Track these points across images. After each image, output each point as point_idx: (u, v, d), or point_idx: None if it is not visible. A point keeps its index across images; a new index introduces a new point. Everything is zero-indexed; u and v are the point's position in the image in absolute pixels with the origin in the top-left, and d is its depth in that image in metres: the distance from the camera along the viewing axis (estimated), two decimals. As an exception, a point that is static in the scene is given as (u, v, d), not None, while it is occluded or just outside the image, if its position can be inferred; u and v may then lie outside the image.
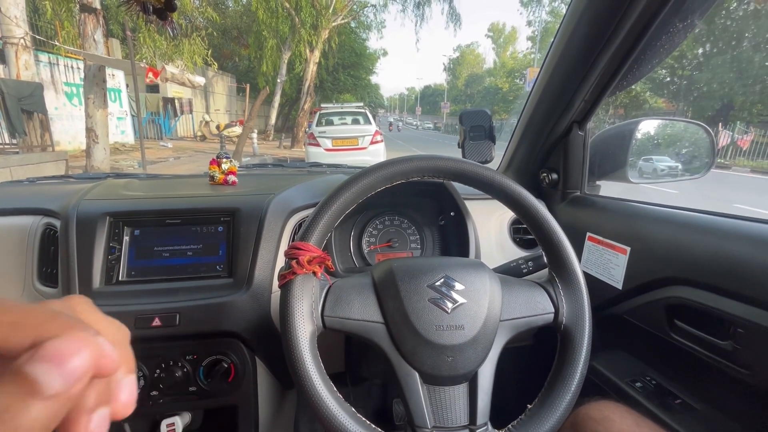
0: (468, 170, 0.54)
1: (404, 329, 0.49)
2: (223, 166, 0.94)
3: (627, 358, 0.80)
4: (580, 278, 0.53)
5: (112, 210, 0.73)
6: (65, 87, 9.10)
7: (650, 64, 0.72)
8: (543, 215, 0.54)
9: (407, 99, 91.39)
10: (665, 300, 0.66)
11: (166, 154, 9.93)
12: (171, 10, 0.55)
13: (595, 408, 0.58)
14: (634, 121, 0.91)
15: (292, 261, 0.48)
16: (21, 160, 5.43)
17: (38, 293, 0.73)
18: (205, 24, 12.45)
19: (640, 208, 0.78)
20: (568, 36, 0.75)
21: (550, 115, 0.89)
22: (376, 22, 18.29)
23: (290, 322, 0.46)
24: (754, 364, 0.54)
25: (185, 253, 0.73)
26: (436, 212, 0.95)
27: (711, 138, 0.86)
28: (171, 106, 14.43)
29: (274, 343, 0.69)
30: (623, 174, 0.92)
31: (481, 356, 0.51)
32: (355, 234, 0.93)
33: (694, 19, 0.63)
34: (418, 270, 0.52)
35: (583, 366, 0.50)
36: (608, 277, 0.77)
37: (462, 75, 61.55)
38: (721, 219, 0.64)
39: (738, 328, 0.55)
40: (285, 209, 0.78)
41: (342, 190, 0.51)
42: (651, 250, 0.70)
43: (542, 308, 0.53)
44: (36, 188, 0.96)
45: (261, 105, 8.32)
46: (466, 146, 0.94)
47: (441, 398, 0.50)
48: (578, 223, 0.87)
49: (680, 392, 0.68)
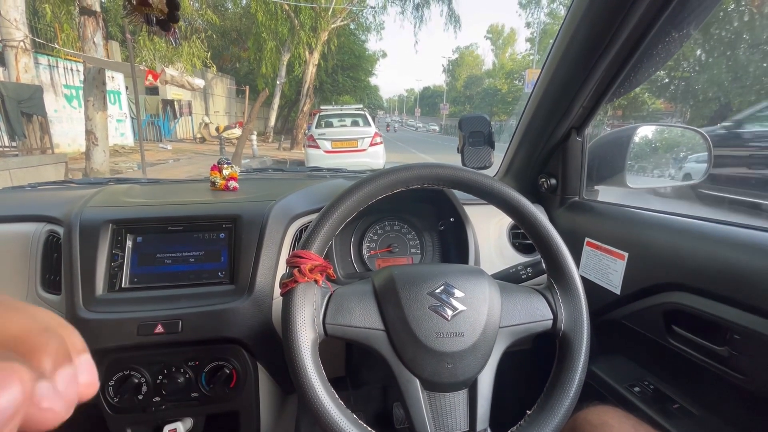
0: (467, 178, 0.54)
1: (405, 336, 0.50)
2: (224, 172, 0.95)
3: (625, 363, 0.81)
4: (578, 285, 0.54)
5: (114, 217, 0.73)
6: (65, 89, 9.10)
7: (647, 71, 0.73)
8: (541, 222, 0.54)
9: (406, 100, 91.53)
10: (663, 305, 0.67)
11: (165, 156, 9.93)
12: (174, 21, 0.56)
13: (594, 413, 0.58)
14: (632, 127, 0.92)
15: (293, 269, 0.48)
16: (20, 163, 5.43)
17: (41, 300, 0.73)
18: (204, 26, 12.47)
19: (639, 214, 0.79)
20: (566, 42, 0.76)
21: (548, 121, 0.89)
22: (375, 24, 18.38)
23: (292, 330, 0.47)
24: (750, 369, 0.55)
25: (187, 259, 0.74)
26: (435, 218, 0.96)
27: (708, 144, 0.87)
28: (170, 108, 14.42)
29: (276, 349, 0.69)
30: (621, 179, 0.93)
31: (480, 363, 0.51)
32: (355, 239, 0.94)
33: (689, 29, 0.64)
34: (419, 277, 0.53)
35: (581, 372, 0.51)
36: (607, 283, 0.78)
37: (461, 76, 61.64)
38: (719, 225, 0.64)
39: (734, 334, 0.56)
40: (286, 216, 0.79)
41: (343, 199, 0.52)
42: (649, 256, 0.70)
43: (541, 315, 0.54)
44: (38, 194, 0.96)
45: (260, 107, 8.33)
46: (465, 152, 0.95)
47: (441, 405, 0.50)
48: (577, 229, 0.88)
49: (678, 397, 0.69)
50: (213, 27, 13.43)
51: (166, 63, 8.91)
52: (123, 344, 0.67)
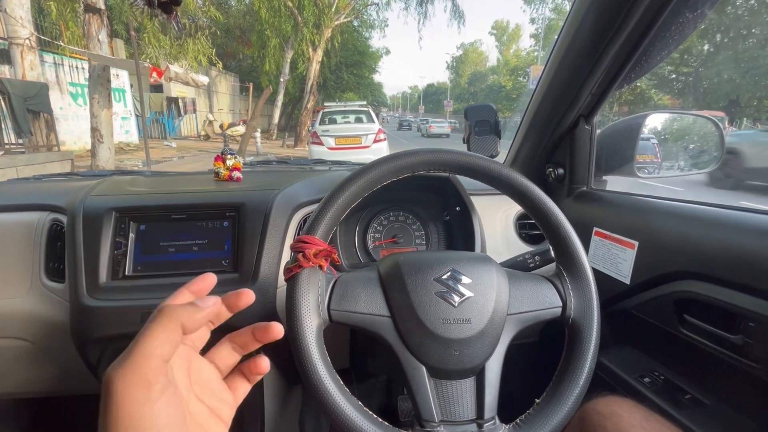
0: (475, 163, 0.53)
1: (411, 323, 0.49)
2: (228, 162, 0.94)
3: (635, 354, 0.79)
4: (588, 271, 0.53)
5: (118, 205, 0.73)
6: (70, 87, 9.16)
7: (659, 55, 0.71)
8: (550, 208, 0.53)
9: (410, 97, 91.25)
10: (674, 294, 0.65)
11: (170, 153, 9.98)
12: (176, 4, 0.55)
13: (603, 403, 0.57)
14: (642, 115, 0.90)
15: (298, 254, 0.48)
16: (27, 160, 5.48)
17: (45, 288, 0.73)
18: (208, 23, 12.48)
19: (648, 202, 0.77)
20: (575, 28, 0.74)
21: (556, 109, 0.88)
22: (379, 20, 18.25)
23: (296, 315, 0.46)
24: (765, 358, 0.53)
25: (191, 248, 0.74)
26: (441, 208, 0.95)
27: (720, 131, 0.85)
28: (175, 105, 14.49)
29: (280, 339, 0.69)
30: (630, 169, 0.91)
31: (488, 350, 0.50)
32: (360, 230, 0.93)
33: (704, 9, 0.62)
34: (425, 263, 0.52)
35: (591, 360, 0.50)
36: (616, 272, 0.77)
37: (465, 73, 61.34)
38: (730, 212, 0.63)
39: (749, 322, 0.54)
40: (290, 204, 0.78)
41: (348, 184, 0.51)
42: (659, 244, 0.69)
43: (550, 302, 0.53)
44: (42, 185, 0.96)
45: (264, 104, 8.34)
46: (471, 141, 0.94)
47: (448, 392, 0.50)
48: (585, 218, 0.87)
49: (689, 387, 0.67)
50: (217, 24, 13.44)
51: (171, 60, 8.92)
52: (126, 332, 0.66)
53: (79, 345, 0.69)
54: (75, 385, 0.84)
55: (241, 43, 16.52)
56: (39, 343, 0.75)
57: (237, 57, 18.65)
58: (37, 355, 0.77)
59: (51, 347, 0.76)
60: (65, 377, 0.81)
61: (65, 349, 0.71)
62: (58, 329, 0.71)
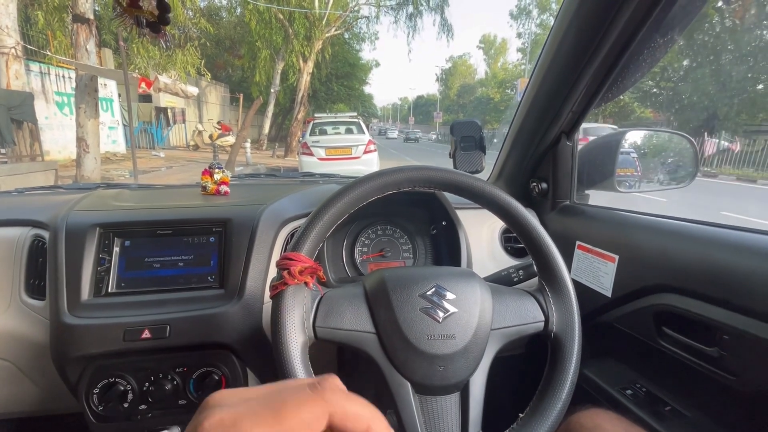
0: (459, 181, 0.55)
1: (396, 339, 0.50)
2: (216, 177, 0.94)
3: (617, 366, 0.81)
4: (569, 286, 0.54)
5: (101, 221, 0.72)
6: (56, 96, 9.03)
7: (634, 76, 0.74)
8: (532, 225, 0.55)
9: (400, 109, 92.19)
10: (653, 307, 0.67)
11: (158, 163, 9.86)
12: (164, 24, 0.56)
13: (587, 416, 0.58)
14: (621, 132, 0.94)
15: (283, 271, 0.48)
16: (10, 170, 5.35)
17: (25, 305, 0.71)
18: (198, 34, 12.51)
19: (629, 217, 0.80)
20: (555, 48, 0.77)
21: (538, 126, 0.90)
22: (369, 33, 18.55)
23: (282, 333, 0.46)
24: (740, 370, 0.55)
25: (176, 263, 0.73)
26: (427, 222, 0.96)
27: (694, 148, 0.89)
28: (164, 115, 14.38)
29: (266, 355, 0.68)
30: (611, 183, 0.94)
31: (472, 365, 0.51)
32: (347, 244, 0.93)
33: (674, 35, 0.65)
34: (410, 280, 0.53)
35: (573, 373, 0.50)
36: (598, 285, 0.78)
37: (454, 85, 62.29)
38: (708, 228, 0.65)
39: (724, 335, 0.56)
40: (277, 219, 0.78)
41: (334, 201, 0.51)
42: (639, 258, 0.71)
43: (532, 317, 0.54)
44: (24, 199, 0.95)
45: (254, 115, 8.33)
46: (457, 156, 0.95)
47: (433, 408, 0.50)
48: (568, 232, 0.89)
49: (670, 399, 0.69)
50: (207, 35, 13.48)
51: (159, 71, 8.89)
52: (108, 350, 0.65)
53: (59, 364, 0.67)
54: (56, 404, 0.82)
55: (232, 54, 16.57)
56: (18, 362, 0.73)
57: (227, 68, 18.66)
58: (17, 375, 0.75)
59: (31, 366, 0.74)
60: (46, 397, 0.79)
61: (46, 368, 0.69)
62: (38, 348, 0.70)
